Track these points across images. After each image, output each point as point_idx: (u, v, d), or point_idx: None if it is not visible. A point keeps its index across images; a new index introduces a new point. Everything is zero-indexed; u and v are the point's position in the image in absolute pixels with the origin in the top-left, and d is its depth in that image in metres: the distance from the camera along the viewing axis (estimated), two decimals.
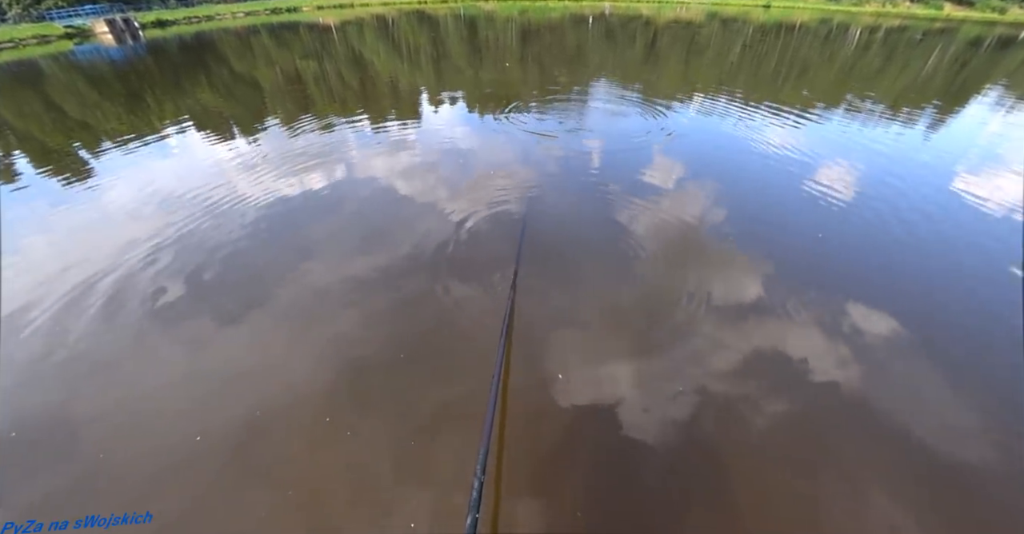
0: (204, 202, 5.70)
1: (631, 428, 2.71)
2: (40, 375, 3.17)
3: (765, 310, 3.71)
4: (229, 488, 2.42)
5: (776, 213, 5.35)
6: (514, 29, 26.49)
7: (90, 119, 10.30)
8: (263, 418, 2.81)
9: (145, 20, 32.16)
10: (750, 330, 3.50)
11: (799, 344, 3.37)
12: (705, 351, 3.28)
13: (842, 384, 3.05)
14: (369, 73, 14.82)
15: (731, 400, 2.90)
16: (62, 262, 4.49)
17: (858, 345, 3.38)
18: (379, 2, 45.95)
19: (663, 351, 3.29)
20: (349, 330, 3.53)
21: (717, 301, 3.79)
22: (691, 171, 6.38)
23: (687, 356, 3.24)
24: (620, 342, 3.38)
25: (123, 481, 2.44)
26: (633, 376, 3.06)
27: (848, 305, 3.77)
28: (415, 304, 3.81)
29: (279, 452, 2.62)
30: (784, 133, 8.12)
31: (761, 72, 14.82)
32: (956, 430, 2.77)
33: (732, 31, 26.62)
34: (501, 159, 6.89)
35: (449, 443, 2.62)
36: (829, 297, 3.88)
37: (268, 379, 3.11)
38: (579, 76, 13.54)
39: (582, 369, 3.13)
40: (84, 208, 5.77)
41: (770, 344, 3.37)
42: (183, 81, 14.24)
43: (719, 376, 3.08)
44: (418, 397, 2.95)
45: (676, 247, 4.58)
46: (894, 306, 3.77)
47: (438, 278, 4.09)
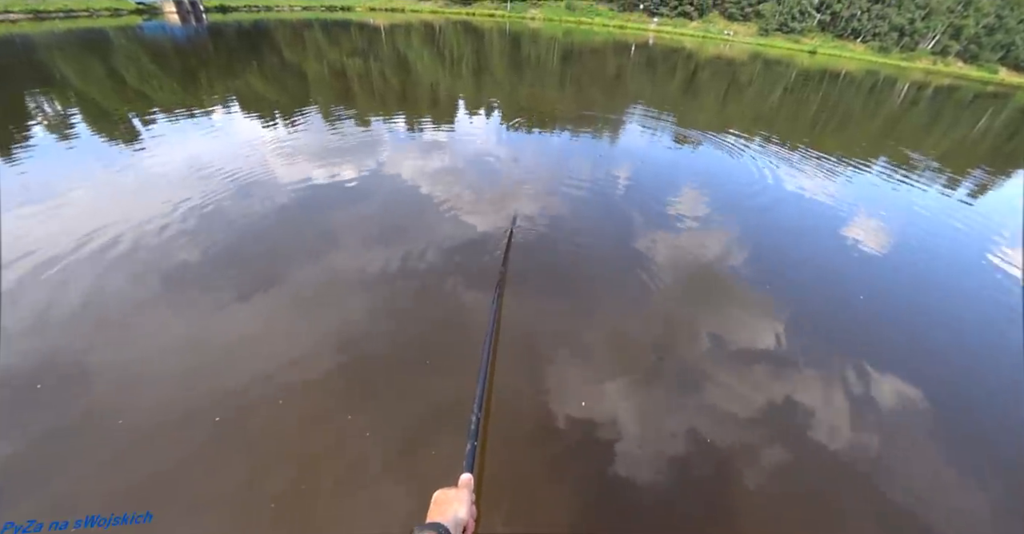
0: (237, 178, 5.92)
1: (619, 462, 2.64)
2: (51, 318, 3.28)
3: (779, 361, 3.61)
4: (210, 453, 2.45)
5: (803, 263, 5.20)
6: (556, 49, 27.04)
7: (146, 89, 10.82)
8: (256, 393, 2.85)
9: (209, 4, 33.88)
10: (760, 379, 3.41)
11: (811, 403, 3.25)
12: (712, 395, 3.21)
13: (851, 452, 2.90)
14: (411, 76, 15.26)
15: (730, 450, 2.80)
16: (94, 216, 4.70)
17: (872, 413, 3.23)
18: (429, 9, 47.61)
19: (667, 386, 3.23)
20: (356, 318, 3.57)
21: (731, 345, 3.71)
22: (717, 207, 6.32)
23: (691, 396, 3.18)
24: (623, 370, 3.33)
25: (115, 429, 2.51)
26: (630, 407, 3.01)
27: (868, 369, 3.60)
28: (424, 300, 3.85)
29: (269, 427, 2.65)
30: (818, 180, 8.02)
31: (800, 116, 14.77)
32: (967, 515, 2.62)
33: (774, 73, 26.67)
34: (528, 173, 6.97)
35: (440, 440, 2.61)
36: (849, 357, 3.72)
37: (268, 355, 3.15)
38: (615, 100, 13.72)
39: (576, 390, 3.09)
40: (125, 170, 6.07)
41: (781, 398, 3.26)
42: (236, 64, 14.88)
43: (722, 422, 2.99)
44: (416, 391, 2.96)
45: (693, 283, 4.51)
46: (917, 377, 3.60)
47: (448, 278, 4.13)
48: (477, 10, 48.02)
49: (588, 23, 46.31)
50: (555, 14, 47.51)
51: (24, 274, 3.76)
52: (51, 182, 5.55)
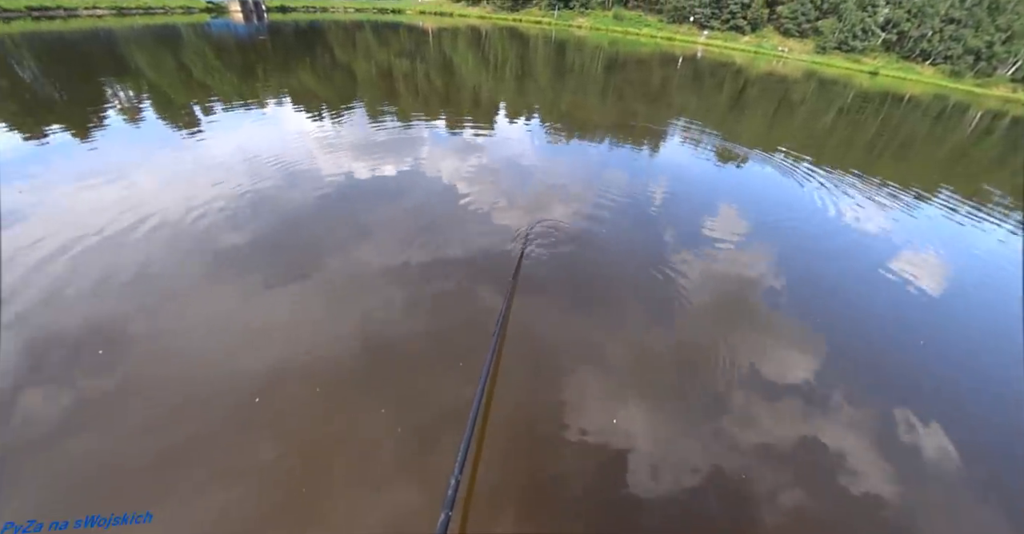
0: (283, 167, 6.23)
1: (631, 483, 2.51)
2: (108, 287, 3.48)
3: (811, 398, 3.36)
4: (229, 430, 2.49)
5: (846, 297, 4.83)
6: (601, 58, 26.89)
7: (209, 81, 11.49)
8: (274, 374, 2.90)
9: (271, 4, 35.81)
10: (788, 414, 3.18)
11: (840, 445, 3.00)
12: (735, 424, 3.01)
13: (877, 501, 2.65)
14: (454, 79, 15.52)
15: (749, 483, 2.61)
16: (153, 195, 5.04)
17: (907, 463, 2.94)
18: (476, 14, 48.51)
19: (689, 411, 3.06)
20: (382, 312, 3.60)
21: (761, 373, 3.49)
22: (757, 230, 6.01)
23: (711, 423, 2.99)
24: (644, 388, 3.19)
25: (151, 395, 2.60)
26: (648, 428, 2.87)
27: (904, 415, 3.30)
28: (448, 300, 3.84)
29: (283, 410, 2.68)
30: (871, 208, 7.52)
31: (856, 139, 13.99)
32: None
33: (830, 92, 25.48)
34: (563, 180, 6.89)
35: (446, 438, 2.56)
36: (887, 401, 3.42)
37: (291, 339, 3.21)
38: (658, 113, 13.44)
39: (594, 405, 2.97)
40: (183, 153, 6.51)
41: (808, 436, 3.03)
42: (290, 61, 15.59)
43: (743, 454, 2.80)
44: (429, 387, 2.94)
45: (724, 306, 4.30)
46: (958, 429, 3.26)
47: (477, 280, 4.10)
48: (524, 16, 48.58)
49: (635, 34, 45.87)
50: (602, 23, 47.36)
51: (85, 246, 4.02)
52: (117, 161, 5.97)
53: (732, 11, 45.98)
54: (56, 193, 5.06)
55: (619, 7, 49.02)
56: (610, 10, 49.07)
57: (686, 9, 46.73)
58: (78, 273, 3.71)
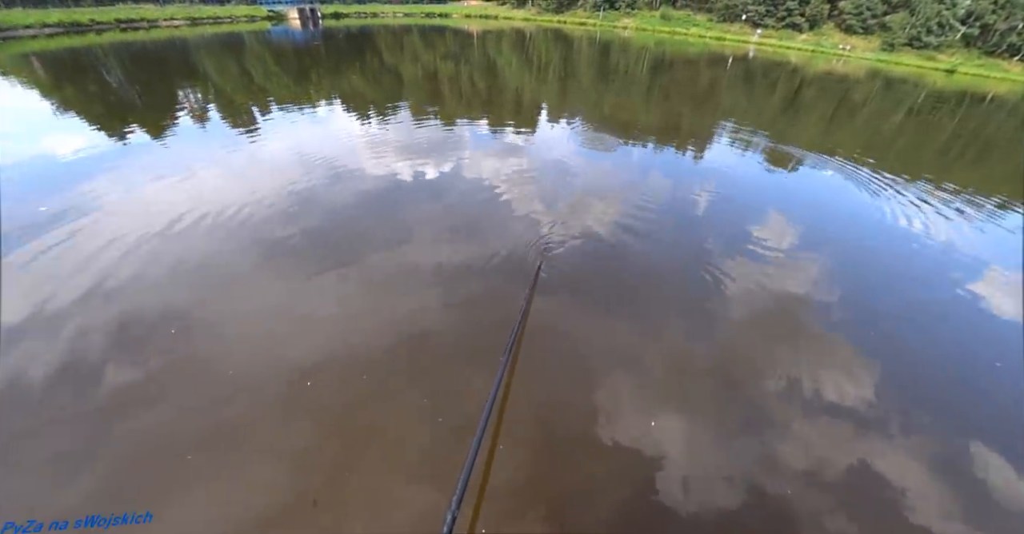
0: (331, 166, 6.54)
1: (662, 495, 2.40)
2: (176, 273, 3.77)
3: (864, 421, 3.09)
4: (270, 418, 2.62)
5: (908, 314, 4.40)
6: (646, 59, 26.26)
7: (267, 84, 12.25)
8: (313, 364, 3.02)
9: (326, 11, 37.70)
10: (840, 436, 2.94)
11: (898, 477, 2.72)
12: (777, 441, 2.82)
13: None
14: (498, 80, 15.67)
15: (791, 508, 2.43)
16: (214, 191, 5.44)
17: (970, 502, 2.63)
18: (521, 17, 48.75)
19: (727, 423, 2.90)
20: (419, 309, 3.67)
21: (811, 392, 3.25)
22: (810, 239, 5.60)
23: (754, 438, 2.81)
24: (681, 398, 3.05)
25: (200, 374, 2.79)
26: (682, 438, 2.74)
27: (968, 446, 2.95)
28: (486, 297, 3.87)
29: (319, 398, 2.78)
30: (942, 219, 6.82)
31: (927, 143, 12.84)
32: None
33: (898, 92, 23.56)
34: (603, 184, 6.77)
35: None
36: (950, 431, 3.09)
37: (332, 331, 3.33)
38: (705, 116, 12.94)
39: (626, 410, 2.87)
40: (242, 152, 7.00)
41: (859, 462, 2.78)
42: (342, 65, 16.33)
43: (785, 475, 2.61)
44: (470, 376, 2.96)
45: (770, 318, 4.03)
46: None
47: (513, 283, 4.09)
48: (569, 18, 48.30)
49: (683, 34, 44.45)
50: (649, 24, 46.25)
51: (157, 233, 4.40)
52: (184, 158, 6.51)
53: (789, 8, 43.56)
54: (131, 186, 5.57)
55: (667, 7, 47.70)
56: (657, 10, 47.87)
57: (738, 7, 44.78)
58: (145, 261, 4.05)
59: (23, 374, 2.88)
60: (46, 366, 2.93)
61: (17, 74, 12.71)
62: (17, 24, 21.93)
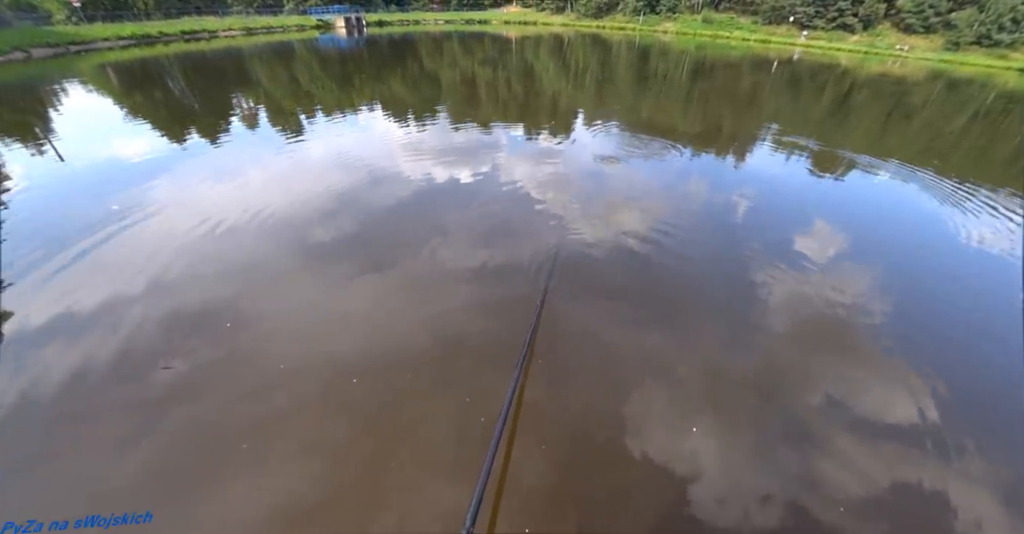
0: (371, 169, 6.80)
1: (696, 510, 2.31)
2: (223, 271, 4.02)
3: (915, 442, 2.86)
4: (302, 410, 2.73)
5: (967, 331, 4.05)
6: (687, 63, 25.67)
7: (313, 90, 12.87)
8: (350, 361, 3.12)
9: (370, 19, 39.20)
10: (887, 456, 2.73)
11: (950, 499, 2.50)
12: (818, 460, 2.65)
13: None
14: (535, 86, 15.75)
15: None
16: (261, 192, 5.79)
17: None
18: (560, 22, 48.80)
19: (765, 439, 2.75)
20: (452, 312, 3.73)
21: (857, 409, 3.05)
22: (860, 248, 5.26)
23: (793, 457, 2.66)
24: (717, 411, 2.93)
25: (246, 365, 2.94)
26: (716, 451, 2.63)
27: None
28: (516, 305, 3.85)
29: (357, 396, 2.86)
30: (1009, 231, 6.21)
31: (994, 148, 11.83)
32: None
33: (962, 95, 21.85)
34: (640, 190, 6.65)
35: None
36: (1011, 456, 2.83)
37: (367, 330, 3.43)
38: (747, 122, 12.48)
39: (659, 424, 2.79)
40: (289, 156, 7.38)
41: (910, 484, 2.57)
42: (384, 71, 16.92)
43: (825, 494, 2.45)
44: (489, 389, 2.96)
45: (813, 331, 3.82)
46: None
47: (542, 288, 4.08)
48: (608, 23, 47.89)
49: (726, 37, 43.12)
50: (690, 27, 45.17)
51: (209, 231, 4.72)
52: (235, 161, 6.95)
53: (840, 8, 41.41)
54: (187, 187, 5.99)
55: (708, 10, 46.47)
56: (699, 14, 46.72)
57: (785, 9, 43.02)
58: (202, 256, 4.34)
59: (91, 359, 3.14)
60: (108, 352, 3.19)
61: (96, 83, 14.00)
62: (96, 37, 24.15)
